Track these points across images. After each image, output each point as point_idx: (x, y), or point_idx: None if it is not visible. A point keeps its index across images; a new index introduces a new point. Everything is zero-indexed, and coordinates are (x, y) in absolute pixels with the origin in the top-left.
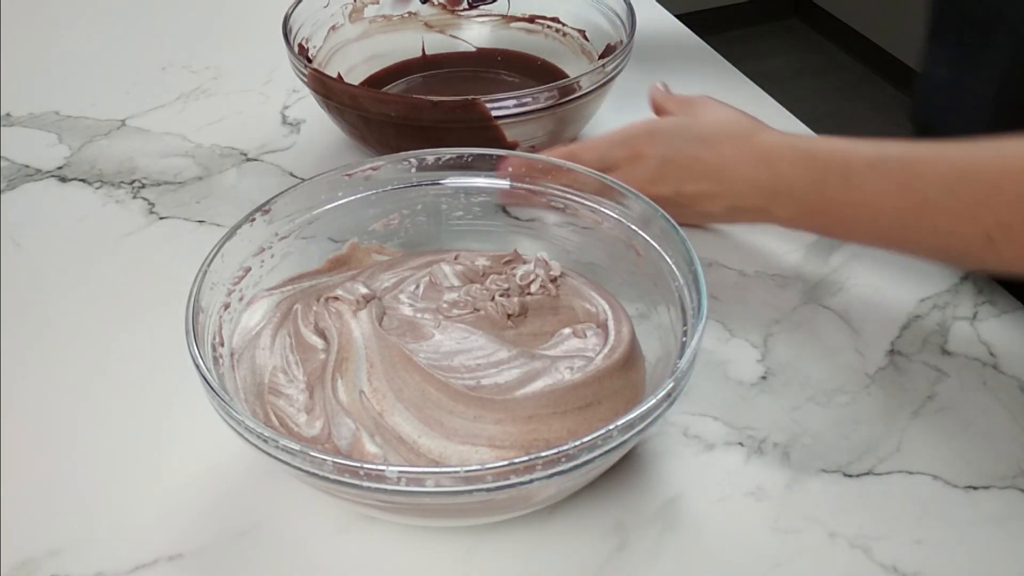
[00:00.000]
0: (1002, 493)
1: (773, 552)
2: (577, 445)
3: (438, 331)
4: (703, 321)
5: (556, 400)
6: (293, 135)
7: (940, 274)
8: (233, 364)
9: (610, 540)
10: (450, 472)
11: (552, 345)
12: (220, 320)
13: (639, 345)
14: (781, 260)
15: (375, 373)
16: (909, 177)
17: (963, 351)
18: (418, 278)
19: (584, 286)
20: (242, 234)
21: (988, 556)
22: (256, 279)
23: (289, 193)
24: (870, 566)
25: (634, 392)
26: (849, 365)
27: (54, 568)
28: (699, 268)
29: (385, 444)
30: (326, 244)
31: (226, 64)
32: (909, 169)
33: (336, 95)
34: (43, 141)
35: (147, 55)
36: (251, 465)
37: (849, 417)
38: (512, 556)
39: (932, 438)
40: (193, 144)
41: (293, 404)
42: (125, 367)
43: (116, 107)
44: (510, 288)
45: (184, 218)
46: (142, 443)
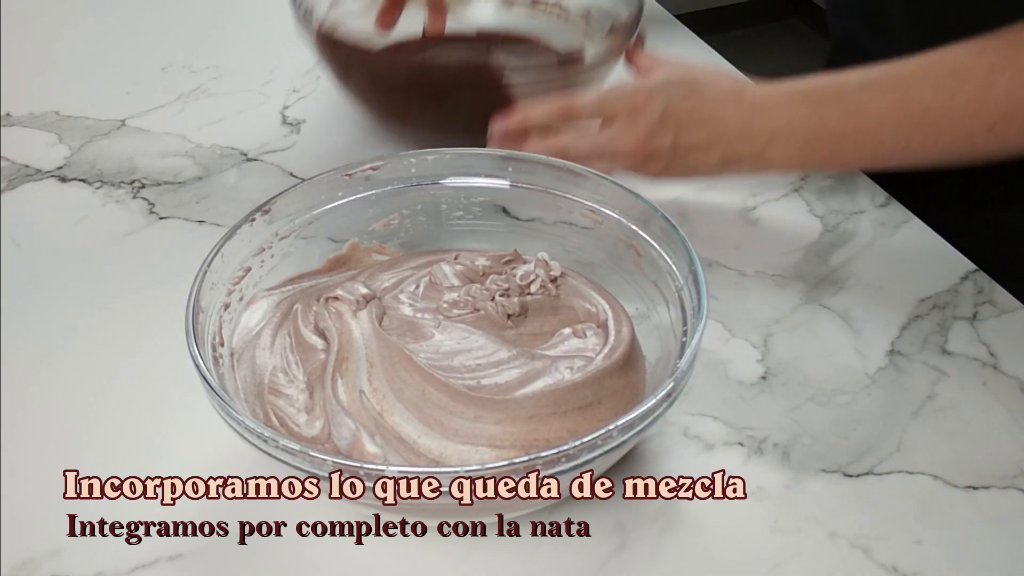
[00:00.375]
0: (1002, 493)
1: (773, 552)
2: (577, 445)
3: (438, 331)
4: (703, 321)
5: (556, 400)
6: (293, 135)
7: (940, 274)
8: (233, 364)
9: (610, 540)
10: (450, 472)
11: (552, 345)
12: (220, 320)
13: (639, 345)
14: (781, 260)
15: (375, 373)
16: (904, 90)
17: (963, 351)
18: (418, 278)
19: (584, 286)
20: (242, 234)
21: (988, 556)
22: (256, 279)
23: (289, 193)
24: (870, 566)
25: (634, 392)
26: (849, 365)
27: (54, 568)
28: (699, 268)
29: (385, 444)
30: (326, 244)
31: (226, 64)
32: (901, 82)
33: (344, 56)
34: (43, 141)
35: (147, 55)
36: (251, 465)
37: (849, 417)
38: (512, 556)
39: (932, 438)
40: (193, 144)
41: (293, 404)
42: (125, 367)
43: (116, 107)
44: (510, 288)
45: (184, 218)
46: (142, 443)
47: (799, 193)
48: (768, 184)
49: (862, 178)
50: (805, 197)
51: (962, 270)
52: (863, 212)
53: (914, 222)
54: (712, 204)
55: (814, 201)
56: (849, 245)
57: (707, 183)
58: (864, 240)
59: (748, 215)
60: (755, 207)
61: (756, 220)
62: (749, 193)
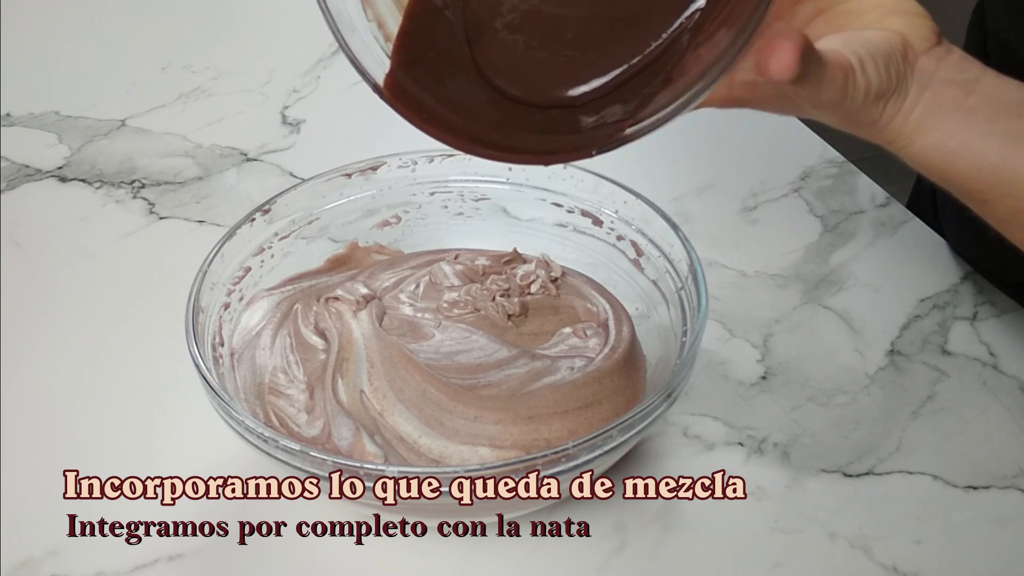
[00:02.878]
0: (1002, 493)
1: (773, 552)
2: (577, 445)
3: (438, 331)
4: (703, 321)
5: (557, 400)
6: (293, 135)
7: (940, 274)
8: (233, 364)
9: (610, 540)
10: (450, 472)
11: (552, 344)
12: (220, 320)
13: (640, 345)
14: (781, 260)
15: (375, 373)
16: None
17: (963, 351)
18: (418, 278)
19: (584, 285)
20: (242, 234)
21: (988, 556)
22: (256, 279)
23: (289, 193)
24: (870, 566)
25: (634, 392)
26: (849, 365)
27: (54, 568)
28: (699, 268)
29: (385, 444)
30: (326, 244)
31: (226, 64)
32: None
33: None
34: (43, 141)
35: (147, 55)
36: (251, 465)
37: (849, 417)
38: (512, 556)
39: (932, 438)
40: (193, 144)
41: (293, 404)
42: (125, 367)
43: (116, 107)
44: (510, 288)
45: (184, 218)
46: (142, 443)
47: (799, 193)
48: (768, 184)
49: (862, 178)
50: (805, 197)
51: (962, 270)
52: (863, 212)
53: (914, 222)
54: (712, 204)
55: (814, 201)
56: (849, 245)
57: (707, 183)
58: (864, 240)
59: (748, 215)
60: (755, 207)
61: (756, 220)
62: (749, 193)
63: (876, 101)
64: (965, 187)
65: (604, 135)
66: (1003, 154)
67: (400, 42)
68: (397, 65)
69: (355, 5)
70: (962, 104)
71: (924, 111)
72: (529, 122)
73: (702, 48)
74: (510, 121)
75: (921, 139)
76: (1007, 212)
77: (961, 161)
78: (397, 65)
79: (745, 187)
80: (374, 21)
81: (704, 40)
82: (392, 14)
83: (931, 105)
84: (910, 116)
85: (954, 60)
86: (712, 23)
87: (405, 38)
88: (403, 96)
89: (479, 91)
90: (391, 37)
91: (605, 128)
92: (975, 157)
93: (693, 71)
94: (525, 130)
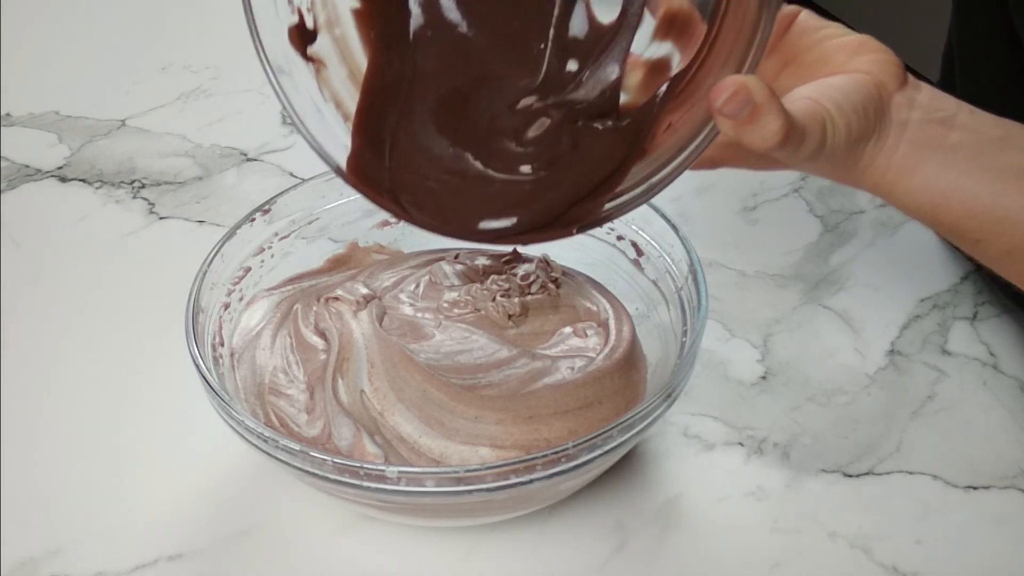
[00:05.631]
0: (1002, 493)
1: (773, 552)
2: (577, 445)
3: (439, 331)
4: (703, 321)
5: (557, 400)
6: (293, 135)
7: (940, 274)
8: (233, 364)
9: (610, 540)
10: (450, 472)
11: (553, 344)
12: (220, 320)
13: (640, 345)
14: (781, 260)
15: (376, 373)
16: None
17: (963, 351)
18: (418, 277)
19: (585, 285)
20: (242, 234)
21: (988, 556)
22: (256, 279)
23: (289, 193)
24: (870, 566)
25: (634, 392)
26: (849, 365)
27: (54, 568)
28: (699, 268)
29: (386, 444)
30: (326, 244)
31: (226, 64)
32: None
33: None
34: (43, 141)
35: (147, 55)
36: (251, 465)
37: (849, 417)
38: (512, 556)
39: (932, 438)
40: (193, 144)
41: (294, 404)
42: (125, 367)
43: (116, 107)
44: (510, 288)
45: (184, 218)
46: (142, 443)
47: (799, 193)
48: (768, 184)
49: None
50: (805, 197)
51: (962, 270)
52: (863, 212)
53: (914, 222)
54: (712, 204)
55: (814, 201)
56: (849, 245)
57: (707, 183)
58: (864, 240)
59: (748, 215)
60: (755, 207)
61: (756, 220)
62: (749, 193)
63: (857, 143)
64: (957, 227)
65: (584, 211)
66: (993, 192)
67: (359, 120)
68: (358, 146)
69: (312, 85)
70: (944, 141)
71: (908, 151)
72: (502, 197)
73: (675, 120)
74: (481, 196)
75: (907, 180)
76: (1001, 250)
77: (952, 201)
78: (358, 146)
79: (745, 187)
80: (331, 101)
81: (676, 108)
82: (349, 92)
83: (914, 144)
84: (893, 157)
85: (926, 96)
86: (683, 96)
87: (363, 116)
88: (366, 178)
89: (448, 166)
90: (349, 116)
91: (584, 204)
92: (965, 196)
93: (667, 142)
94: (498, 205)
